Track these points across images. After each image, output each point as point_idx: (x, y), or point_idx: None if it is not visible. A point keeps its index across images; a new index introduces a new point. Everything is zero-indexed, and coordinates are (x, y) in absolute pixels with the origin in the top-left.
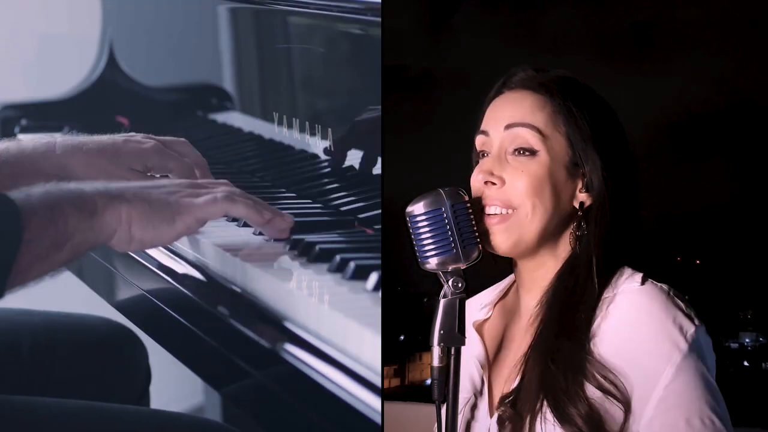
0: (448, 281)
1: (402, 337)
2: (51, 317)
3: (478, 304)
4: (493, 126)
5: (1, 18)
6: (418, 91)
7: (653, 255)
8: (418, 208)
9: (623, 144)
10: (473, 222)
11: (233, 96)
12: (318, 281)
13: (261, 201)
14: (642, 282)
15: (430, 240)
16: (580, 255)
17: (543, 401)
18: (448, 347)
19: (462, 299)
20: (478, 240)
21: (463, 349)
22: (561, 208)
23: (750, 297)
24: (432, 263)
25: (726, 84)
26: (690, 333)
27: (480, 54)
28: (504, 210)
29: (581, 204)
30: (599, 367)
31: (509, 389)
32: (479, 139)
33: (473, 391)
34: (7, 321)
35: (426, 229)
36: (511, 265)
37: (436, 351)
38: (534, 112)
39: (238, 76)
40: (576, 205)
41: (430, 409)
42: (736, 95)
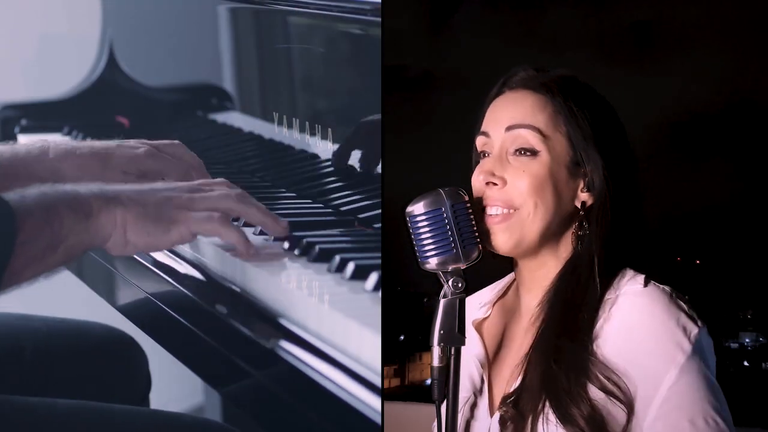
0: (448, 281)
1: (402, 337)
2: (51, 323)
3: (477, 302)
4: (494, 127)
5: (1, 18)
6: (418, 91)
7: (653, 255)
8: (418, 208)
9: (624, 143)
10: (473, 222)
11: (233, 96)
12: (318, 281)
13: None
14: (645, 284)
15: (430, 240)
16: (581, 255)
17: (545, 402)
18: (448, 347)
19: (462, 299)
20: (478, 240)
21: (463, 348)
22: (563, 207)
23: (750, 297)
24: (432, 263)
25: (726, 84)
26: (693, 334)
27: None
28: (506, 210)
29: (583, 203)
30: (602, 368)
31: (510, 389)
32: (480, 140)
33: (473, 390)
34: (7, 326)
35: (426, 229)
36: (512, 265)
37: (436, 351)
38: (535, 112)
39: (238, 76)
40: (578, 205)
41: (430, 409)
42: (736, 95)
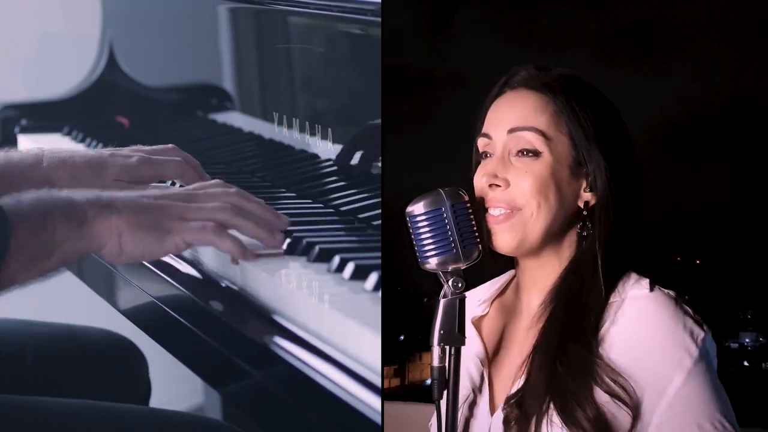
0: (448, 281)
1: (402, 337)
2: (52, 327)
3: (475, 299)
4: (496, 128)
5: (1, 18)
6: (418, 91)
7: (653, 255)
8: (418, 208)
9: (626, 142)
10: (473, 222)
11: (233, 96)
12: (318, 281)
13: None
14: (650, 288)
15: (430, 240)
16: (585, 255)
17: (550, 403)
18: (448, 347)
19: (462, 299)
20: (478, 240)
21: (462, 346)
22: (565, 207)
23: (750, 297)
24: (432, 263)
25: (726, 84)
26: (700, 338)
27: (480, 54)
28: (509, 211)
29: (586, 203)
30: (608, 371)
31: (513, 389)
32: (481, 141)
33: (472, 388)
34: (9, 331)
35: (426, 229)
36: (513, 263)
37: (436, 351)
38: (537, 113)
39: (238, 76)
40: (580, 205)
41: (430, 409)
42: (736, 95)
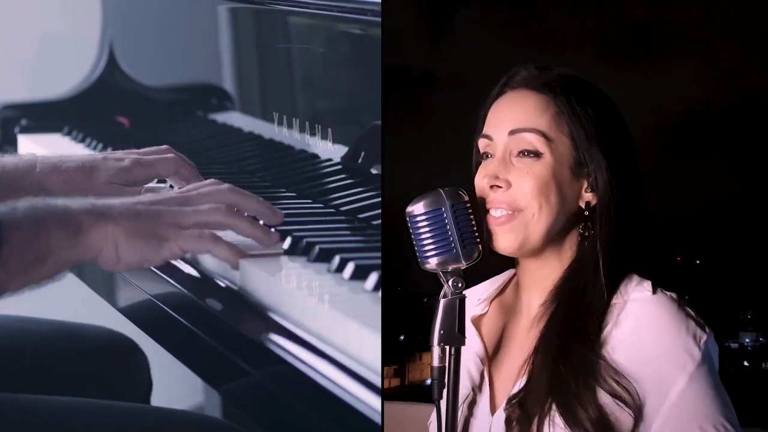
0: (448, 281)
1: (402, 337)
2: (52, 325)
3: (474, 298)
4: (496, 129)
5: (1, 18)
6: (418, 91)
7: (653, 255)
8: (418, 208)
9: (628, 142)
10: (473, 222)
11: (233, 96)
12: (318, 281)
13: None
14: (653, 290)
15: (430, 240)
16: (586, 255)
17: (552, 403)
18: (448, 347)
19: (462, 299)
20: (478, 240)
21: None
22: (567, 208)
23: (750, 297)
24: (432, 263)
25: (726, 84)
26: (703, 341)
27: (480, 54)
28: (510, 212)
29: (587, 204)
30: (612, 372)
31: (515, 389)
32: (482, 142)
33: (471, 387)
34: (8, 329)
35: (426, 229)
36: (513, 263)
37: (436, 351)
38: (538, 114)
39: (238, 76)
40: (582, 205)
41: (430, 409)
42: (736, 95)
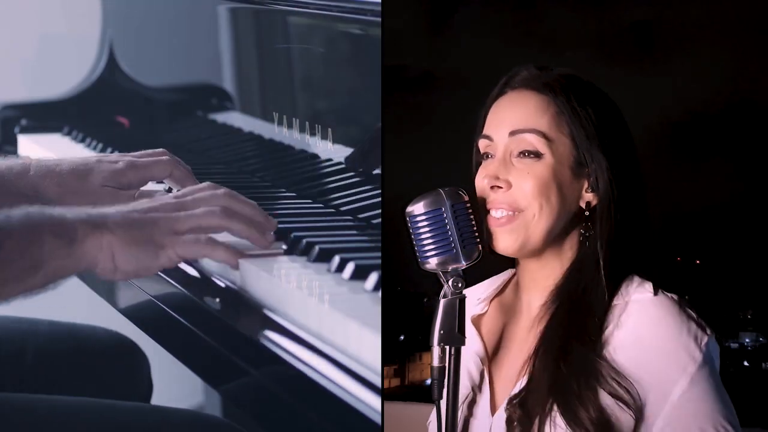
0: (448, 281)
1: (402, 337)
2: (52, 326)
3: (474, 298)
4: (497, 130)
5: (1, 18)
6: (418, 91)
7: (653, 255)
8: (418, 208)
9: (628, 142)
10: (473, 222)
11: (233, 96)
12: (318, 281)
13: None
14: (654, 292)
15: (430, 240)
16: (587, 255)
17: (553, 404)
18: (448, 347)
19: (462, 299)
20: (478, 240)
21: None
22: (567, 208)
23: (750, 297)
24: (432, 263)
25: (726, 84)
26: (704, 343)
27: (480, 54)
28: (511, 212)
29: (587, 204)
30: (613, 373)
31: (515, 389)
32: (483, 143)
33: (471, 387)
34: (8, 329)
35: (426, 229)
36: (513, 262)
37: (436, 351)
38: (538, 114)
39: (238, 76)
40: (582, 206)
41: (430, 409)
42: (736, 95)
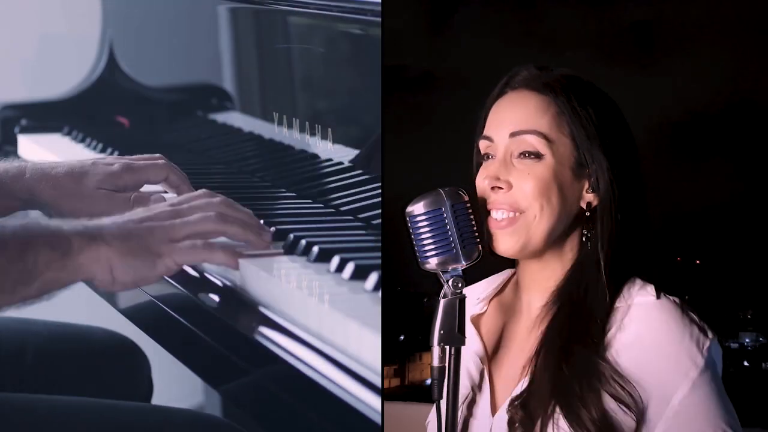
0: (448, 281)
1: (402, 337)
2: (52, 327)
3: (473, 297)
4: (497, 131)
5: (1, 18)
6: (418, 91)
7: (653, 255)
8: (418, 208)
9: (629, 142)
10: (473, 222)
11: (233, 96)
12: (318, 281)
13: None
14: (657, 295)
15: (430, 240)
16: (588, 256)
17: (555, 406)
18: (448, 347)
19: (462, 299)
20: (478, 240)
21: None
22: (568, 209)
23: (750, 297)
24: (432, 263)
25: (726, 84)
26: (706, 347)
27: (480, 54)
28: (511, 213)
29: (588, 204)
30: (616, 376)
31: (517, 390)
32: (483, 143)
33: (471, 386)
34: (8, 330)
35: (426, 229)
36: (513, 262)
37: (436, 351)
38: (538, 115)
39: (238, 76)
40: (583, 206)
41: (430, 409)
42: (736, 95)
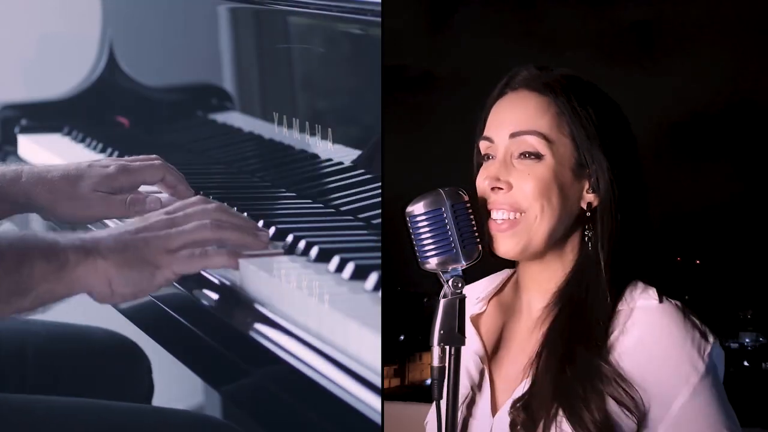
0: (448, 281)
1: (402, 337)
2: (52, 327)
3: (472, 297)
4: (497, 132)
5: (1, 18)
6: (418, 91)
7: (653, 255)
8: (418, 208)
9: (630, 142)
10: (473, 222)
11: (233, 96)
12: (318, 281)
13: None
14: (659, 299)
15: (430, 240)
16: (588, 258)
17: (558, 408)
18: (448, 347)
19: (462, 299)
20: (478, 240)
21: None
22: (569, 209)
23: (750, 297)
24: (432, 263)
25: (726, 84)
26: (707, 353)
27: (480, 54)
28: (512, 214)
29: (588, 204)
30: (619, 379)
31: (516, 390)
32: (483, 144)
33: (471, 386)
34: (8, 330)
35: (426, 229)
36: (514, 263)
37: (436, 351)
38: (538, 116)
39: (238, 76)
40: (584, 206)
41: (429, 409)
42: (736, 95)
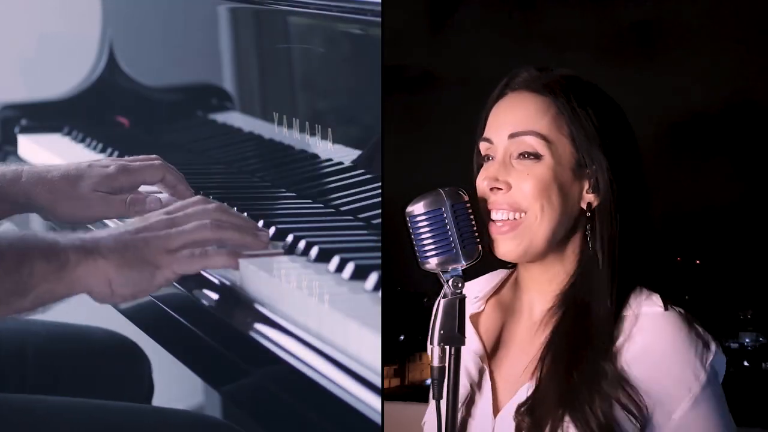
0: (448, 281)
1: (402, 337)
2: (52, 327)
3: (471, 296)
4: (497, 133)
5: (1, 18)
6: (418, 91)
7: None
8: (418, 208)
9: (630, 142)
10: (473, 222)
11: (233, 96)
12: (318, 281)
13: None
14: (663, 306)
15: (430, 240)
16: (590, 259)
17: (564, 413)
18: (448, 347)
19: (462, 299)
20: (478, 240)
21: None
22: (569, 210)
23: (750, 297)
24: (432, 263)
25: (726, 84)
26: (709, 362)
27: (480, 54)
28: (512, 214)
29: (589, 205)
30: (623, 384)
31: (518, 392)
32: (483, 145)
33: (470, 385)
34: (8, 330)
35: (426, 229)
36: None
37: (436, 351)
38: (538, 116)
39: (238, 76)
40: (584, 207)
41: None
42: (736, 95)
